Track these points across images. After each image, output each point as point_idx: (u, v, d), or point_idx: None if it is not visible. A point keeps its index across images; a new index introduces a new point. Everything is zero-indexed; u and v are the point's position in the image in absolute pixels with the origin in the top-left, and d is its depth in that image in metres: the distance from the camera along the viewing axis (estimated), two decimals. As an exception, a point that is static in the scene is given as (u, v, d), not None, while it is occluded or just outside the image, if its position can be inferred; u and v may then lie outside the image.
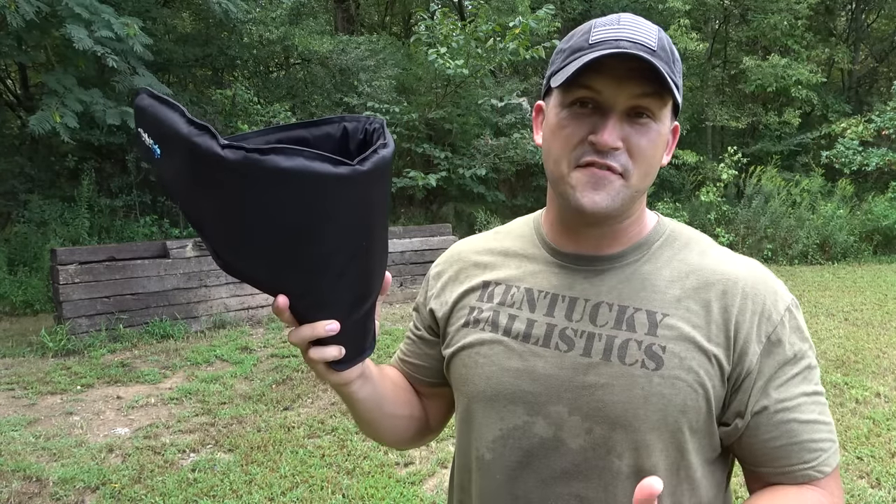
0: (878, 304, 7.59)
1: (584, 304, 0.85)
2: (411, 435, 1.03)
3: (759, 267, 0.86)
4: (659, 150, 0.82)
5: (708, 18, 15.30)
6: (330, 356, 0.76)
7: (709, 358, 0.79)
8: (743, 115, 14.09)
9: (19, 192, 9.46)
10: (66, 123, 6.90)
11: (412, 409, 1.01)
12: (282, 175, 0.63)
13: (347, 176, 0.65)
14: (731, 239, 11.59)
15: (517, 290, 0.90)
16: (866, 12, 16.94)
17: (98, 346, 5.88)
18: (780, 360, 0.80)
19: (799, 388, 0.80)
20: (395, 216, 11.52)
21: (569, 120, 0.80)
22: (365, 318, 0.77)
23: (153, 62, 7.84)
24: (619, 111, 0.78)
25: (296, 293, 0.71)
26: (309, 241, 0.67)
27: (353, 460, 3.62)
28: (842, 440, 3.78)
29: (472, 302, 0.93)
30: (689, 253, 0.87)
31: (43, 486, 3.37)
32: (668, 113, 0.82)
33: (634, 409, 0.79)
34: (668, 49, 0.80)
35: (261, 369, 5.35)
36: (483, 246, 0.99)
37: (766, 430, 0.80)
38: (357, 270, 0.72)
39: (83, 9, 6.64)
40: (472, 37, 9.81)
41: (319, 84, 12.04)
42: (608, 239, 0.87)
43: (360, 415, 0.92)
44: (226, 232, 0.68)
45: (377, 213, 0.71)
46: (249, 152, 0.62)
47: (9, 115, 10.80)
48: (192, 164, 0.64)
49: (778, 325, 0.80)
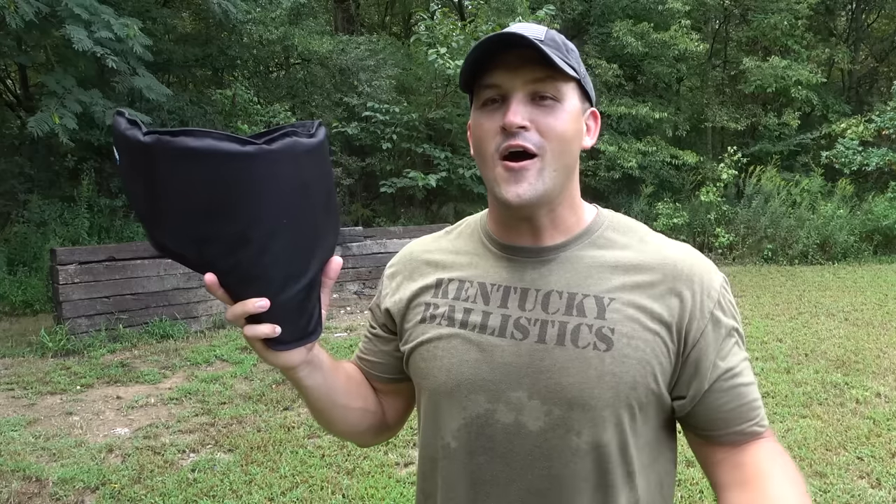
0: (879, 304, 7.59)
1: (535, 294, 0.90)
2: (365, 428, 1.05)
3: (693, 250, 0.93)
4: (570, 128, 0.86)
5: (708, 18, 15.30)
6: (262, 333, 0.78)
7: (655, 336, 0.85)
8: (742, 117, 14.09)
9: (19, 192, 9.46)
10: (65, 125, 6.89)
11: (366, 403, 1.04)
12: (191, 153, 0.69)
13: (253, 154, 0.70)
14: (731, 239, 11.59)
15: (470, 286, 0.94)
16: (866, 12, 16.95)
17: (98, 346, 5.88)
18: (722, 332, 0.87)
19: (739, 356, 0.88)
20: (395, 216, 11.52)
21: (482, 118, 0.87)
22: (302, 299, 0.80)
23: (153, 62, 7.83)
24: (519, 95, 0.84)
25: (222, 269, 0.75)
26: (223, 216, 0.72)
27: (353, 460, 3.62)
28: (842, 440, 3.78)
29: (427, 299, 0.97)
30: (629, 240, 0.92)
31: (43, 486, 3.37)
32: (574, 95, 0.88)
33: (590, 389, 0.84)
34: (559, 41, 0.87)
35: (261, 369, 5.34)
36: (434, 246, 1.04)
37: (719, 397, 0.87)
38: (280, 248, 0.75)
39: (83, 9, 6.63)
40: (472, 37, 9.81)
41: (319, 84, 12.04)
42: (548, 229, 0.91)
43: (310, 403, 0.95)
44: (152, 211, 0.73)
45: (301, 194, 0.75)
46: (162, 135, 0.69)
47: (9, 115, 10.81)
48: (127, 154, 0.72)
49: (717, 302, 0.87)
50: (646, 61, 13.46)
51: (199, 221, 0.72)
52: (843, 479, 3.33)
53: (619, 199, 13.14)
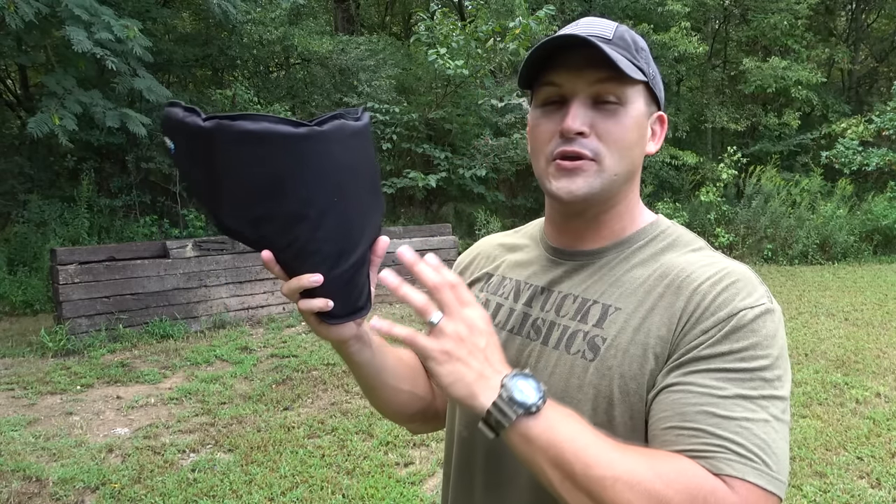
0: (879, 304, 7.59)
1: (556, 296, 0.90)
2: (413, 412, 1.05)
3: (739, 270, 0.80)
4: (631, 134, 0.84)
5: (708, 19, 15.30)
6: (316, 307, 0.80)
7: (646, 351, 0.78)
8: (742, 117, 14.09)
9: (19, 192, 9.46)
10: (65, 126, 6.89)
11: (415, 387, 1.04)
12: (250, 136, 0.73)
13: (306, 135, 0.74)
14: (731, 239, 11.60)
15: (509, 282, 0.98)
16: (866, 12, 16.95)
17: (98, 346, 5.88)
18: (709, 351, 0.74)
19: (719, 382, 0.72)
20: (395, 216, 11.51)
21: (541, 118, 0.86)
22: (352, 273, 0.83)
23: (153, 62, 7.82)
24: (580, 98, 0.82)
25: (279, 246, 0.79)
26: (280, 194, 0.75)
27: (353, 460, 3.62)
28: (842, 440, 3.78)
29: (475, 291, 1.01)
30: (669, 253, 0.86)
31: (43, 486, 3.37)
32: (640, 99, 0.84)
33: (570, 397, 0.83)
34: (629, 39, 0.84)
35: (261, 369, 5.35)
36: (499, 241, 1.08)
37: (658, 411, 0.75)
38: (332, 225, 0.79)
39: (83, 10, 6.63)
40: (472, 37, 9.81)
41: (319, 84, 12.04)
42: (591, 231, 0.90)
43: (360, 380, 0.97)
44: (213, 193, 0.77)
45: (350, 174, 0.79)
46: (222, 119, 0.73)
47: (9, 115, 10.81)
48: (187, 140, 0.76)
49: (723, 321, 0.75)
50: (645, 62, 13.45)
51: (258, 200, 0.76)
52: (843, 479, 3.33)
53: (619, 200, 13.12)
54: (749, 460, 0.69)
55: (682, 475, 0.68)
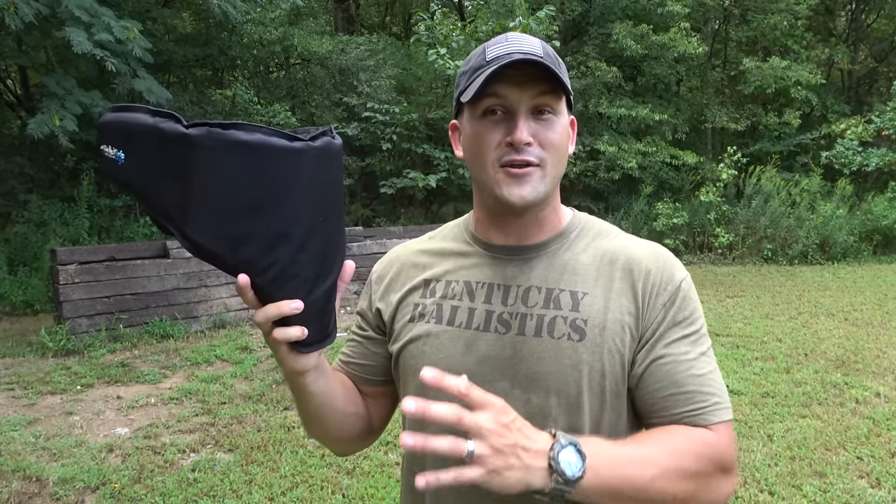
0: (878, 304, 7.59)
1: (517, 290, 0.95)
2: (357, 434, 1.06)
3: (659, 249, 0.99)
4: (564, 140, 0.94)
5: (707, 19, 15.30)
6: (293, 336, 0.78)
7: (623, 327, 0.91)
8: (742, 117, 14.09)
9: (19, 193, 9.46)
10: (65, 126, 6.89)
11: (358, 408, 1.05)
12: (243, 147, 0.69)
13: (301, 150, 0.72)
14: (731, 239, 11.60)
15: (457, 284, 1.00)
16: (866, 12, 16.95)
17: (98, 346, 5.88)
18: (669, 324, 0.91)
19: (687, 348, 0.91)
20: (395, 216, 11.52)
21: (484, 128, 0.91)
22: (326, 299, 0.80)
23: (153, 63, 7.83)
24: (524, 111, 0.89)
25: (259, 266, 0.74)
26: (269, 210, 0.72)
27: (353, 460, 3.62)
28: (841, 440, 3.79)
29: (415, 299, 1.02)
30: (601, 240, 0.99)
31: (43, 486, 3.37)
32: (564, 108, 0.94)
33: (565, 377, 0.90)
34: (553, 55, 0.93)
35: (261, 369, 5.35)
36: (419, 248, 1.08)
37: (652, 382, 0.90)
38: (315, 246, 0.76)
39: (83, 11, 6.63)
40: (472, 37, 9.81)
41: (319, 84, 12.05)
42: (533, 228, 0.98)
43: (311, 410, 0.95)
44: (192, 209, 0.71)
45: (331, 195, 0.78)
46: (212, 127, 0.68)
47: (9, 116, 10.82)
48: (160, 149, 0.69)
49: (671, 297, 0.93)
50: (645, 62, 13.46)
51: (241, 217, 0.71)
52: (843, 478, 3.33)
53: (619, 200, 13.14)
54: (719, 405, 0.90)
55: (684, 444, 0.86)
